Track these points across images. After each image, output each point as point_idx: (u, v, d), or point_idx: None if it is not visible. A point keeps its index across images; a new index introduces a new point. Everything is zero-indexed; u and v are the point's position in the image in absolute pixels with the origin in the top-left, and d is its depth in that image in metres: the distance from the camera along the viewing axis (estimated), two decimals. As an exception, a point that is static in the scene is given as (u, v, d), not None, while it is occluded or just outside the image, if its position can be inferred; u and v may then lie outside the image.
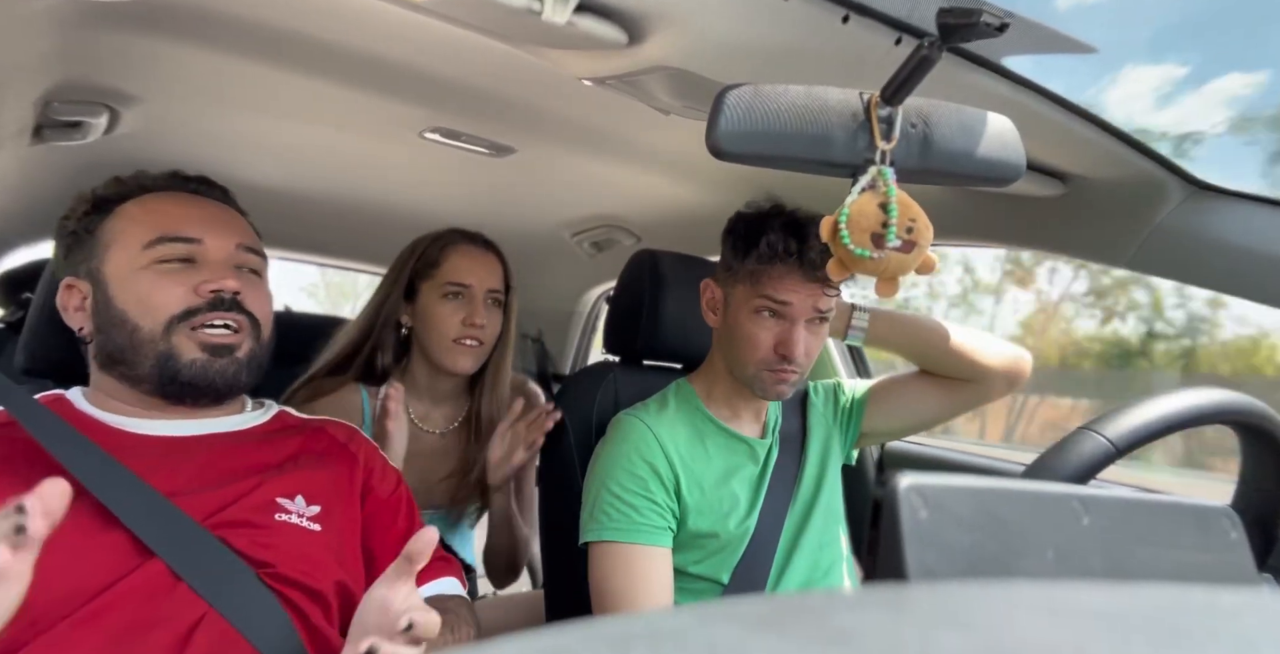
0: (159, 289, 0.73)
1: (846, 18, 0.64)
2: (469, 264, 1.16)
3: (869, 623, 0.17)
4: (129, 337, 0.72)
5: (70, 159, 1.19)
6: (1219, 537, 0.30)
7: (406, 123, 1.13)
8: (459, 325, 1.13)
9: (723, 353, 1.00)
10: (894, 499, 0.26)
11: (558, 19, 0.65)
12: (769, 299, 0.92)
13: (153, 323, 0.72)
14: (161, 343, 0.72)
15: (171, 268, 0.74)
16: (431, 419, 1.23)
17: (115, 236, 0.75)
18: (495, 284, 1.18)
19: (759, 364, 0.94)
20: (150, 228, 0.74)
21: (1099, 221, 0.96)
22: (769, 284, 0.92)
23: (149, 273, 0.73)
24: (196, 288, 0.73)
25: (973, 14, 0.51)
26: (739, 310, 0.95)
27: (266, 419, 0.82)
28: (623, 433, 0.97)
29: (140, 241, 0.74)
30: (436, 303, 1.14)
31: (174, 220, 0.75)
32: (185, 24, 0.85)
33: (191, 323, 0.73)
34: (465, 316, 1.13)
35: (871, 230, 0.58)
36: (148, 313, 0.72)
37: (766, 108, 0.56)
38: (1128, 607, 0.19)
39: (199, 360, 0.73)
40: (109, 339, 0.74)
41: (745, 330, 0.94)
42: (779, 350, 0.92)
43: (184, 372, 0.72)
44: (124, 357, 0.73)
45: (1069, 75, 0.73)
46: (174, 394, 0.74)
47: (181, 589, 0.63)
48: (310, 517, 0.73)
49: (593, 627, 0.16)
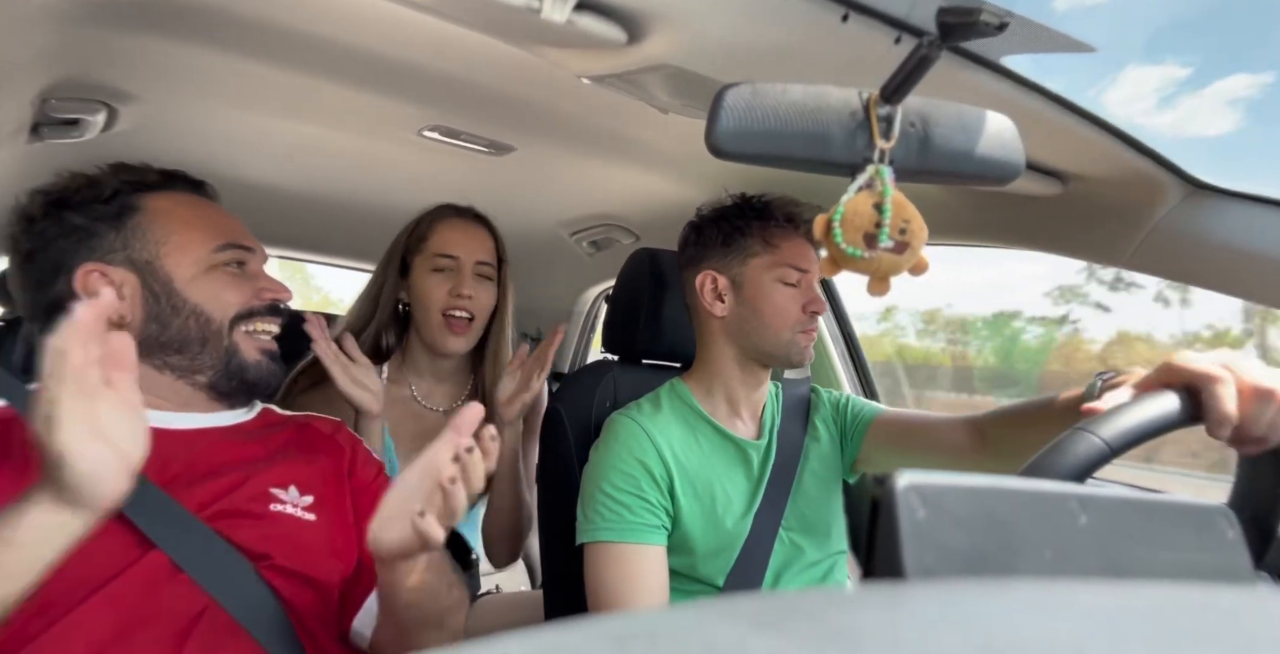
0: (229, 290, 0.80)
1: (846, 16, 0.64)
2: (456, 236, 1.17)
3: (867, 622, 0.17)
4: (202, 328, 0.78)
5: (68, 157, 1.19)
6: (1216, 536, 0.30)
7: (405, 121, 1.13)
8: (447, 296, 1.14)
9: (737, 335, 1.00)
10: (891, 498, 0.26)
11: (557, 17, 0.65)
12: (793, 267, 0.98)
13: (222, 317, 0.79)
14: (226, 338, 0.79)
15: (234, 271, 0.82)
16: (434, 397, 1.23)
17: (169, 235, 0.79)
18: (484, 256, 1.18)
19: (794, 327, 0.98)
20: (215, 233, 0.81)
21: (1098, 221, 0.96)
22: (790, 253, 0.99)
23: (219, 273, 0.80)
24: (258, 293, 0.82)
25: (972, 13, 0.51)
26: (758, 284, 0.99)
27: (253, 416, 0.84)
28: (615, 432, 0.97)
29: (207, 245, 0.80)
30: (426, 276, 1.15)
31: (232, 229, 0.83)
32: (183, 21, 0.85)
33: (248, 324, 0.81)
34: (452, 287, 1.14)
35: (865, 230, 0.58)
36: (219, 308, 0.79)
37: (766, 106, 0.56)
38: (1125, 606, 0.19)
39: (262, 363, 0.81)
40: (169, 328, 0.77)
41: (775, 300, 0.98)
42: (808, 309, 0.98)
43: (250, 371, 0.80)
44: (187, 347, 0.78)
45: (1069, 74, 0.73)
46: (228, 389, 0.80)
47: (182, 580, 0.64)
48: (304, 507, 0.75)
49: (592, 625, 0.16)
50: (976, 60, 0.70)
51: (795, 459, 1.03)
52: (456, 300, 1.14)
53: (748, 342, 0.99)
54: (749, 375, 1.02)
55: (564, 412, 1.10)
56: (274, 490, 0.74)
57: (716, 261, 1.00)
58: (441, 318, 1.14)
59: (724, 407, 1.03)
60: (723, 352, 1.02)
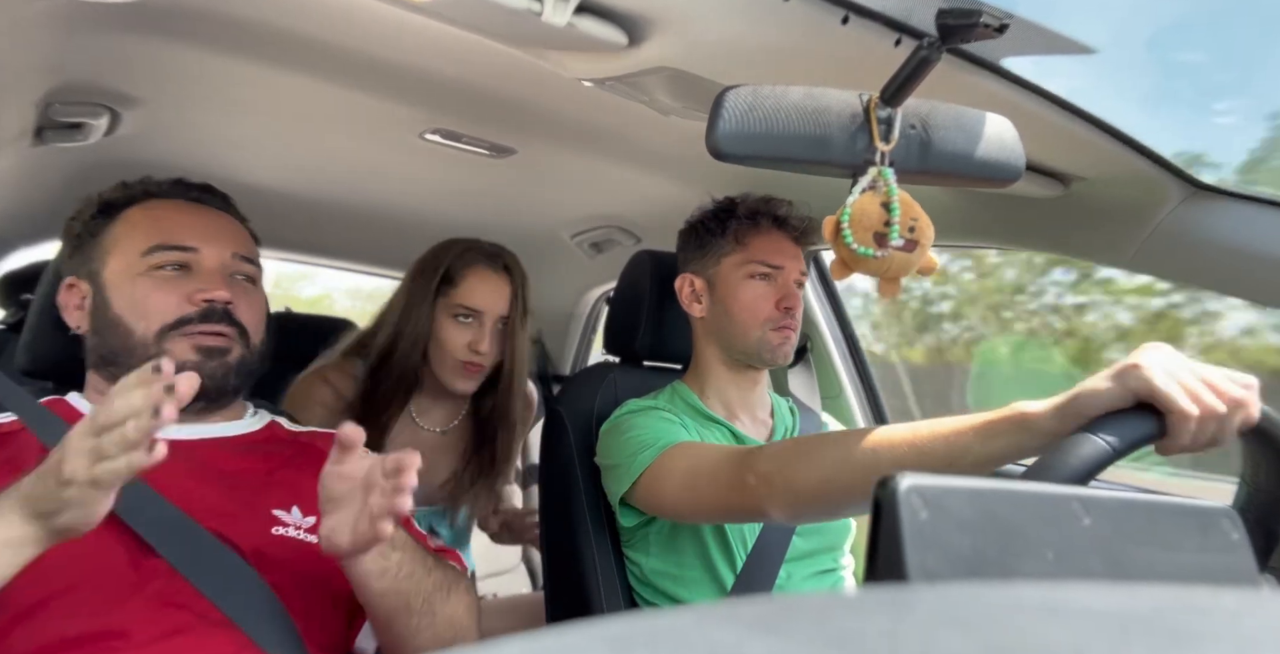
0: (154, 296, 0.74)
1: (846, 19, 0.64)
2: (484, 289, 1.15)
3: (869, 624, 0.17)
4: (123, 340, 0.74)
5: (71, 161, 1.19)
6: (1220, 537, 0.30)
7: (406, 124, 1.13)
8: (465, 349, 1.14)
9: (716, 335, 1.01)
10: (894, 500, 0.26)
11: (558, 20, 0.65)
12: (763, 263, 0.97)
13: (145, 329, 0.74)
14: (154, 348, 0.73)
15: (167, 275, 0.75)
16: (431, 416, 1.24)
17: (116, 242, 0.77)
18: (506, 310, 1.17)
19: (763, 324, 0.96)
20: (149, 235, 0.76)
21: (1099, 222, 0.96)
22: (759, 249, 0.97)
23: (146, 279, 0.75)
24: (190, 296, 0.74)
25: (972, 15, 0.51)
26: (729, 282, 0.99)
27: (258, 427, 0.82)
28: (626, 413, 0.97)
29: (139, 248, 0.76)
30: (447, 321, 1.15)
31: (172, 228, 0.77)
32: (186, 26, 0.85)
33: (183, 331, 0.74)
34: (472, 341, 1.14)
35: (874, 230, 0.58)
36: (142, 318, 0.74)
37: (766, 109, 0.56)
38: (1128, 608, 0.19)
39: (190, 362, 0.73)
40: (103, 341, 0.75)
41: (743, 297, 0.97)
42: (781, 305, 0.96)
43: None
44: (117, 359, 0.74)
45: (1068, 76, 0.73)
46: None
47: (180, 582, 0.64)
48: (307, 528, 0.73)
49: (593, 627, 0.16)
50: (977, 62, 0.70)
51: None
52: (474, 355, 1.14)
53: (724, 341, 1.00)
54: (737, 375, 1.02)
55: (565, 413, 1.10)
56: (277, 512, 0.73)
57: (695, 264, 1.03)
58: (457, 362, 1.15)
59: (722, 408, 1.03)
60: (709, 353, 1.03)
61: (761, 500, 0.70)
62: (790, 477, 0.68)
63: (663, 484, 0.85)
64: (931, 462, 0.58)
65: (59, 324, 0.83)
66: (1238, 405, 0.51)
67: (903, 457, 0.60)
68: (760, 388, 1.05)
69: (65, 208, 0.83)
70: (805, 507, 0.69)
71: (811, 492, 0.66)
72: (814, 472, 0.66)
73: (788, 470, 0.68)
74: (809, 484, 0.66)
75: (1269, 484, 0.58)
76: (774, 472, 0.69)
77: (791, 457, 0.69)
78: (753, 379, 1.04)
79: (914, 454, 0.60)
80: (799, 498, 0.68)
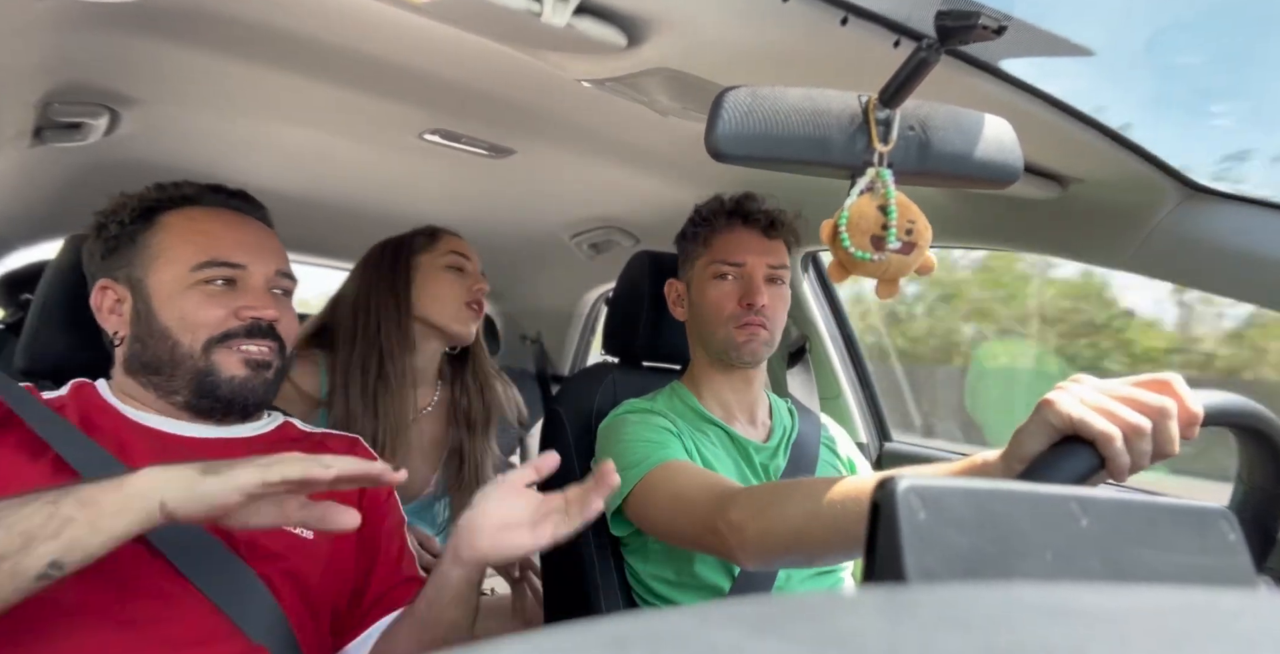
0: (202, 310, 0.76)
1: (845, 20, 0.64)
2: (464, 246, 1.27)
3: (868, 625, 0.17)
4: (170, 351, 0.75)
5: (70, 161, 1.19)
6: (1217, 538, 0.30)
7: (406, 125, 1.13)
8: (466, 291, 1.23)
9: (696, 337, 1.03)
10: (892, 500, 0.26)
11: (557, 21, 0.65)
12: (724, 262, 0.98)
13: (192, 341, 0.75)
14: (200, 360, 0.75)
15: (215, 290, 0.77)
16: (419, 391, 1.26)
17: (162, 251, 0.78)
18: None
19: (726, 322, 0.97)
20: (199, 249, 0.77)
21: (1097, 224, 0.96)
22: (720, 249, 0.99)
23: (195, 292, 0.76)
24: (237, 312, 0.77)
25: (971, 17, 0.51)
26: (698, 284, 1.01)
27: (271, 428, 0.83)
28: (624, 414, 0.98)
29: (189, 262, 0.76)
30: (439, 276, 1.23)
31: (223, 244, 0.78)
32: (185, 26, 0.85)
33: (228, 344, 0.76)
34: (469, 283, 1.24)
35: (871, 232, 0.58)
36: (189, 331, 0.75)
37: (765, 110, 0.56)
38: (1126, 608, 0.19)
39: (239, 377, 0.76)
40: (147, 349, 0.76)
41: (709, 296, 0.99)
42: (743, 302, 0.97)
43: (223, 387, 0.75)
44: (161, 369, 0.76)
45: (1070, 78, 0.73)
46: (206, 408, 0.77)
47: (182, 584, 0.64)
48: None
49: (593, 627, 0.16)
50: (975, 64, 0.71)
51: (811, 468, 1.03)
52: (475, 293, 1.24)
53: (703, 342, 1.02)
54: (727, 376, 1.03)
55: (564, 414, 1.10)
56: None
57: (680, 270, 1.07)
58: (459, 305, 1.23)
59: (719, 409, 1.03)
60: (698, 355, 1.05)
61: (732, 548, 0.71)
62: (762, 526, 0.67)
63: (648, 505, 0.86)
64: None
65: (58, 325, 0.83)
66: (1161, 413, 0.50)
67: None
68: (755, 388, 1.05)
69: (64, 208, 0.83)
70: (775, 556, 0.69)
71: (783, 543, 0.66)
72: (785, 523, 0.66)
73: (760, 519, 0.68)
74: (780, 535, 0.66)
75: (1265, 484, 0.58)
76: (746, 521, 0.69)
77: (765, 504, 0.69)
78: (744, 379, 1.03)
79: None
80: (768, 549, 0.68)
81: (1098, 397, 0.51)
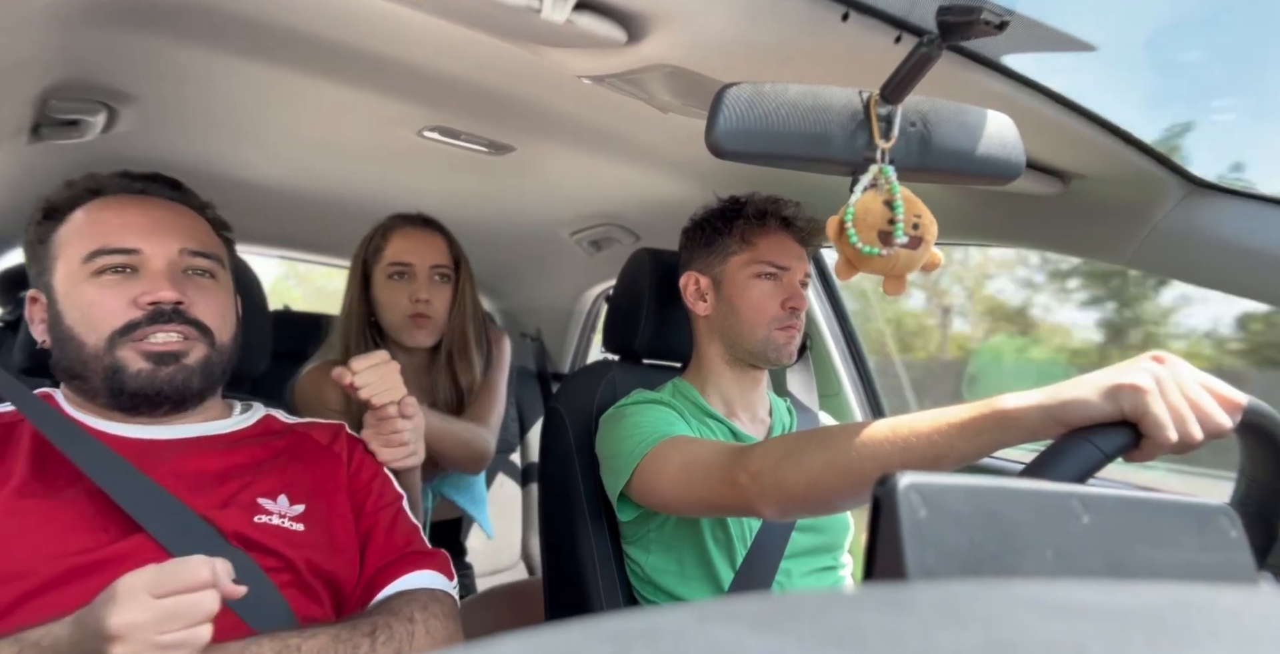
0: (99, 303, 0.71)
1: (846, 15, 0.64)
2: (410, 245, 1.24)
3: (868, 622, 0.17)
4: (78, 352, 0.72)
5: (68, 158, 1.19)
6: (1219, 535, 0.30)
7: (405, 121, 1.13)
8: (408, 302, 1.21)
9: (721, 334, 1.02)
10: (893, 498, 0.26)
11: (557, 17, 0.65)
12: (770, 264, 0.98)
13: (96, 338, 0.71)
14: (107, 357, 0.71)
15: (112, 280, 0.72)
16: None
17: (61, 248, 0.74)
18: (438, 260, 1.24)
19: (770, 324, 0.98)
20: (90, 239, 0.72)
21: (1099, 220, 0.96)
22: (767, 250, 0.99)
23: (90, 286, 0.71)
24: (136, 299, 0.71)
25: (973, 12, 0.51)
26: (736, 281, 1.00)
27: (250, 423, 0.82)
28: (629, 403, 0.98)
29: (80, 255, 0.72)
30: (384, 284, 1.23)
31: (112, 230, 0.73)
32: (183, 22, 0.85)
33: (133, 336, 0.71)
34: (411, 292, 1.21)
35: (878, 228, 0.58)
36: (92, 329, 0.71)
37: (766, 106, 0.56)
38: (1127, 605, 0.19)
39: (144, 370, 0.71)
40: (64, 354, 0.73)
41: (750, 296, 0.98)
42: (787, 305, 0.98)
43: (130, 382, 0.71)
44: (76, 371, 0.73)
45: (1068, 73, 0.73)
46: (126, 405, 0.73)
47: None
48: (293, 516, 0.73)
49: (594, 624, 0.16)
50: (977, 59, 0.70)
51: None
52: (416, 305, 1.21)
53: (730, 340, 1.01)
54: (739, 374, 1.03)
55: (564, 411, 1.10)
56: (261, 501, 0.73)
57: (700, 262, 1.04)
58: (404, 317, 1.22)
59: (722, 406, 1.03)
60: (712, 351, 1.04)
61: (752, 498, 0.72)
62: (780, 476, 0.69)
63: (658, 477, 0.85)
64: (915, 460, 0.59)
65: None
66: (1217, 433, 0.52)
67: (887, 456, 0.61)
68: (761, 387, 1.06)
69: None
70: (794, 505, 0.70)
71: (801, 491, 0.68)
72: (802, 471, 0.67)
73: (778, 469, 0.69)
74: (798, 483, 0.67)
75: (1267, 479, 0.58)
76: (764, 470, 0.70)
77: (781, 455, 0.70)
78: (754, 378, 1.04)
79: (898, 453, 0.60)
80: (788, 497, 0.69)
81: (1180, 400, 0.51)
